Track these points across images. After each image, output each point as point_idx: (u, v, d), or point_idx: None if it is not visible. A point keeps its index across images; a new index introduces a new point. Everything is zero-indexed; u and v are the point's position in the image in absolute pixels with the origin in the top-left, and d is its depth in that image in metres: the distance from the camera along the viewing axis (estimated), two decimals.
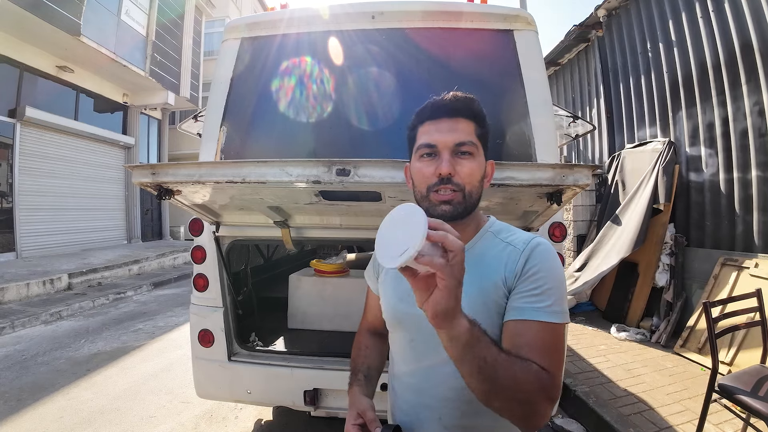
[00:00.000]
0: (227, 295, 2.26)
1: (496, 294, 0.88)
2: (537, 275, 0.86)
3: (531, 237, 0.94)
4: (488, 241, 0.96)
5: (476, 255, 0.94)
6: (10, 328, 5.04)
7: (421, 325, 0.92)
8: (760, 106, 3.74)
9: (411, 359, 0.98)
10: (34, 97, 9.10)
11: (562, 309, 0.84)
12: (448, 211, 0.89)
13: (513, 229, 0.99)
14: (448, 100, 0.91)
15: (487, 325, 0.84)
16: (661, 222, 4.57)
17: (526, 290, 0.85)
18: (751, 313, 2.40)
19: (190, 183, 1.32)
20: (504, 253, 0.92)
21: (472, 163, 0.89)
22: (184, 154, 14.08)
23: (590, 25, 6.17)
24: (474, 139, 0.90)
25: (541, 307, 0.83)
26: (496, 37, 2.23)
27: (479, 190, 0.93)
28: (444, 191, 0.88)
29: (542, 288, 0.85)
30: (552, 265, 0.88)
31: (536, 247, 0.90)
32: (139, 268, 8.96)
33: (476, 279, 0.89)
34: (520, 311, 0.84)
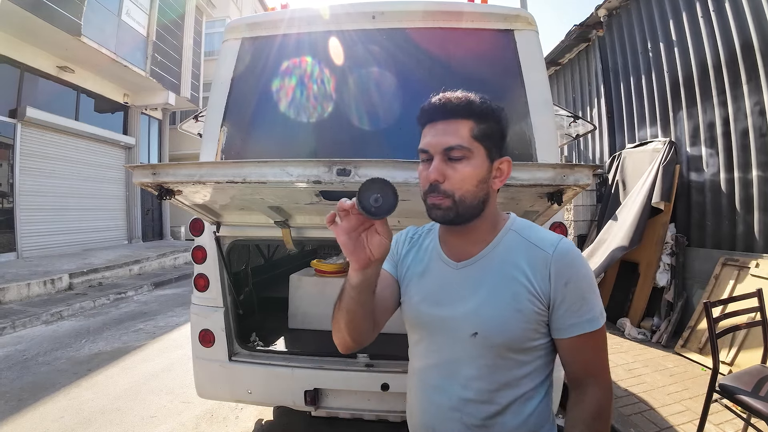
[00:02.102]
0: (228, 295, 2.26)
1: (531, 302, 0.88)
2: (577, 287, 0.87)
3: (557, 239, 0.91)
4: (512, 241, 0.93)
5: (502, 256, 0.92)
6: (11, 328, 5.04)
7: (446, 327, 0.93)
8: (760, 105, 3.73)
9: (433, 359, 0.96)
10: (35, 97, 9.11)
11: (600, 312, 0.89)
12: (439, 216, 0.89)
13: (535, 227, 0.97)
14: (440, 101, 0.88)
15: (521, 332, 0.88)
16: (662, 222, 4.56)
17: (571, 306, 0.87)
18: (752, 313, 2.39)
19: (190, 183, 1.32)
20: (531, 255, 0.90)
21: (466, 168, 0.85)
22: (184, 155, 14.07)
23: (591, 24, 6.17)
24: (467, 142, 0.85)
25: (588, 318, 0.87)
26: (497, 37, 2.23)
27: (478, 193, 0.88)
28: (434, 197, 0.88)
29: (584, 299, 0.87)
30: (585, 270, 0.90)
31: (567, 254, 0.89)
32: (140, 268, 8.96)
33: (508, 283, 0.89)
34: (571, 328, 0.88)
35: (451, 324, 0.92)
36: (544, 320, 0.89)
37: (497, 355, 0.89)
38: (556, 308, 0.87)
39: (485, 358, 0.89)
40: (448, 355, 0.93)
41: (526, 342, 0.88)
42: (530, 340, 0.89)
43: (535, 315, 0.87)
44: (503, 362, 0.89)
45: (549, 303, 0.88)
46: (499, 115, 0.90)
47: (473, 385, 0.90)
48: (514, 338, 0.88)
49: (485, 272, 0.91)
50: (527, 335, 0.88)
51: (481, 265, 0.92)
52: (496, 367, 0.89)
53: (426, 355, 0.98)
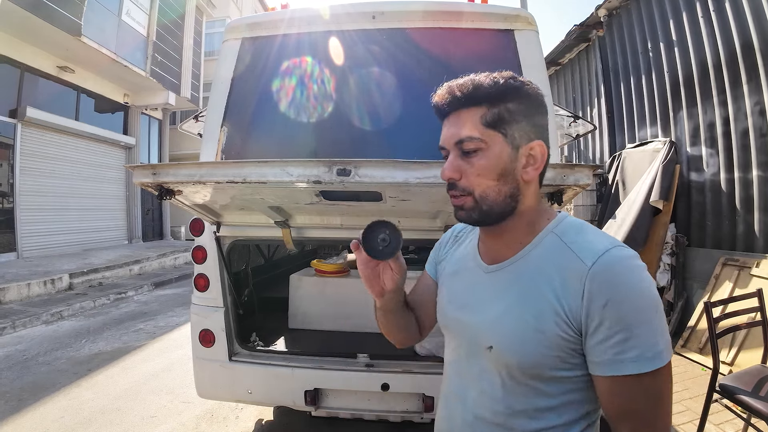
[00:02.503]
0: (228, 295, 2.26)
1: (557, 324, 0.71)
2: (620, 312, 0.67)
3: (605, 248, 0.71)
4: (549, 246, 0.77)
5: (535, 264, 0.77)
6: (11, 328, 5.04)
7: (466, 334, 0.86)
8: (761, 105, 3.73)
9: (455, 364, 0.89)
10: (35, 97, 9.11)
11: (657, 350, 0.66)
12: (463, 217, 0.80)
13: (585, 229, 0.78)
14: (445, 93, 0.78)
15: (541, 358, 0.73)
16: (662, 222, 4.56)
17: (609, 336, 0.67)
18: (752, 313, 2.39)
19: (190, 183, 1.32)
20: (566, 266, 0.73)
21: (481, 161, 0.75)
22: (184, 155, 14.06)
23: (591, 24, 6.17)
24: (478, 132, 0.74)
25: (629, 358, 0.66)
26: (497, 36, 2.23)
27: (501, 188, 0.76)
28: (454, 197, 0.79)
29: (626, 331, 0.66)
30: (638, 292, 0.68)
31: (611, 267, 0.69)
32: (140, 268, 8.96)
33: (532, 298, 0.75)
34: (604, 366, 0.69)
35: (471, 331, 0.84)
36: (574, 348, 0.72)
37: (512, 377, 0.77)
38: (590, 336, 0.69)
39: (500, 377, 0.78)
40: (467, 363, 0.85)
41: (547, 370, 0.74)
42: (554, 369, 0.73)
43: (561, 340, 0.71)
44: (520, 388, 0.77)
45: (581, 328, 0.70)
46: (518, 93, 0.75)
47: (487, 403, 0.80)
48: (532, 363, 0.74)
49: (513, 280, 0.79)
50: (549, 362, 0.73)
51: (510, 271, 0.80)
52: (512, 390, 0.77)
53: (451, 357, 0.92)
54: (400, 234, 0.83)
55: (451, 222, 1.97)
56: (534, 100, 0.77)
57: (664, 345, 0.67)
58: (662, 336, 0.67)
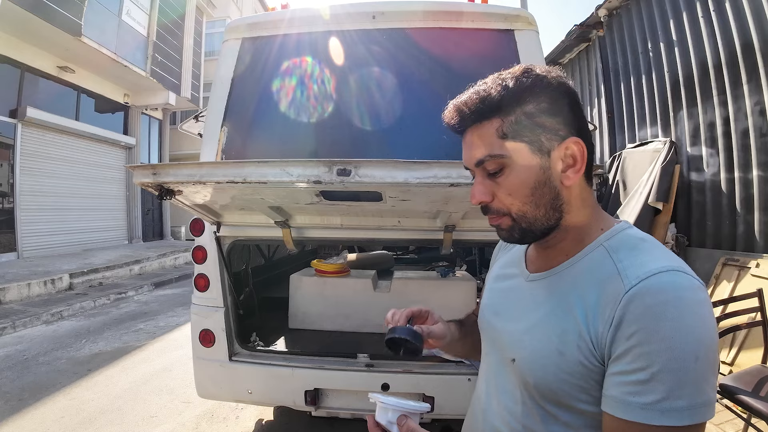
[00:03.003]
0: (228, 295, 2.26)
1: (579, 348, 0.63)
2: (643, 346, 0.56)
3: (657, 269, 0.60)
4: (595, 261, 0.68)
5: (575, 278, 0.69)
6: (12, 328, 5.04)
7: (497, 341, 0.82)
8: (761, 105, 3.73)
9: (485, 368, 0.86)
10: (35, 97, 9.12)
11: (678, 405, 0.54)
12: (504, 237, 0.74)
13: (643, 246, 0.66)
14: (453, 113, 0.71)
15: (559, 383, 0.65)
16: (663, 222, 4.56)
17: (623, 370, 0.58)
18: (752, 313, 2.39)
19: (191, 183, 1.32)
20: (605, 285, 0.63)
21: (508, 179, 0.67)
22: (185, 155, 14.07)
23: (591, 24, 6.17)
24: (496, 148, 0.66)
25: (640, 403, 0.55)
26: (497, 36, 2.23)
27: (540, 201, 0.68)
28: (491, 219, 0.74)
29: (649, 369, 0.55)
30: (673, 326, 0.55)
31: (652, 294, 0.57)
32: (140, 268, 8.97)
33: (560, 315, 0.67)
34: (612, 402, 0.59)
35: (501, 340, 0.79)
36: (597, 380, 0.62)
37: (531, 398, 0.70)
38: (610, 365, 0.60)
39: (521, 394, 0.72)
40: (495, 373, 0.81)
41: (566, 398, 0.65)
42: (573, 399, 0.64)
43: (582, 368, 0.62)
44: (537, 410, 0.69)
45: (604, 356, 0.61)
46: (534, 91, 0.66)
47: (506, 417, 0.75)
48: (549, 387, 0.66)
49: (550, 293, 0.72)
50: (568, 390, 0.64)
51: (548, 284, 0.73)
52: (530, 410, 0.71)
53: (483, 363, 0.89)
54: (415, 335, 0.83)
55: (450, 222, 1.97)
56: (557, 92, 0.67)
57: (690, 403, 0.54)
58: (697, 390, 0.54)
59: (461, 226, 2.01)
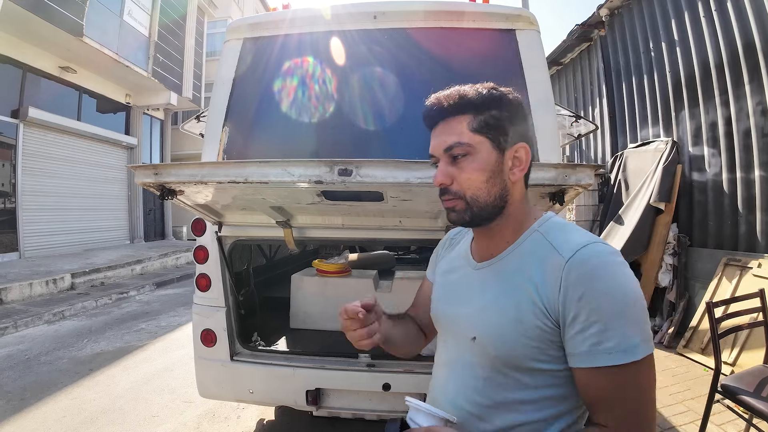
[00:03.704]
0: (230, 295, 2.26)
1: (535, 314, 0.75)
2: (596, 304, 0.69)
3: (583, 242, 0.75)
4: (533, 244, 0.82)
5: (519, 260, 0.82)
6: (13, 328, 5.05)
7: (453, 327, 0.91)
8: (762, 105, 3.73)
9: (442, 358, 0.94)
10: (37, 97, 9.13)
11: (632, 343, 0.68)
12: (453, 218, 0.85)
13: (568, 228, 0.82)
14: (433, 103, 0.84)
15: (521, 348, 0.76)
16: (664, 222, 4.56)
17: (585, 328, 0.70)
18: (755, 314, 2.39)
19: (192, 183, 1.33)
20: (546, 260, 0.77)
21: (470, 164, 0.80)
22: (186, 155, 14.09)
23: (593, 24, 6.17)
24: (466, 138, 0.80)
25: (604, 349, 0.69)
26: (498, 36, 2.22)
27: (491, 189, 0.81)
28: (446, 200, 0.84)
29: (601, 323, 0.69)
30: (610, 284, 0.71)
31: (587, 261, 0.72)
32: (142, 268, 8.98)
33: (513, 290, 0.79)
34: (580, 357, 0.72)
35: (457, 324, 0.89)
36: (552, 340, 0.75)
37: (494, 369, 0.81)
38: (567, 327, 0.72)
39: (483, 368, 0.82)
40: (454, 356, 0.89)
41: (527, 361, 0.77)
42: (534, 361, 0.77)
43: (539, 331, 0.75)
44: (502, 378, 0.80)
45: (558, 320, 0.73)
46: (500, 101, 0.81)
47: (468, 394, 0.84)
48: (512, 353, 0.77)
49: (498, 275, 0.84)
50: (528, 353, 0.76)
51: (496, 268, 0.85)
52: (493, 381, 0.81)
53: (440, 352, 0.97)
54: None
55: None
56: (515, 107, 0.83)
57: (642, 339, 0.69)
58: (639, 330, 0.69)
59: None
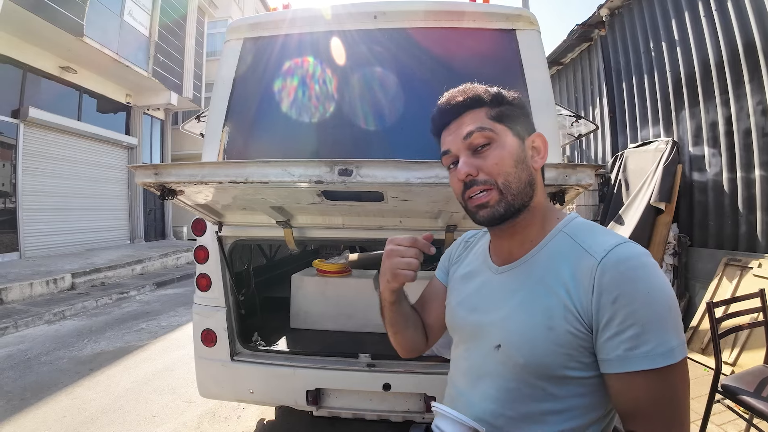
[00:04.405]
0: (230, 294, 2.26)
1: (567, 319, 0.71)
2: (632, 307, 0.66)
3: (615, 243, 0.71)
4: (560, 245, 0.78)
5: (546, 262, 0.78)
6: (14, 328, 5.06)
7: (474, 333, 0.86)
8: (763, 105, 3.72)
9: (462, 365, 0.89)
10: (38, 97, 9.14)
11: (669, 347, 0.65)
12: (487, 215, 0.78)
13: (597, 229, 0.79)
14: (446, 103, 0.83)
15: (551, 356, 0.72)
16: (665, 222, 4.55)
17: (620, 332, 0.66)
18: (755, 314, 2.38)
19: (192, 183, 1.33)
20: (577, 262, 0.73)
21: (495, 150, 0.77)
22: (187, 155, 14.10)
23: (593, 24, 6.17)
24: (486, 123, 0.78)
25: (640, 353, 0.65)
26: (499, 36, 2.22)
27: (521, 174, 0.77)
28: (475, 195, 0.79)
29: (637, 326, 0.65)
30: (646, 286, 0.67)
31: (622, 262, 0.69)
32: (142, 267, 8.98)
33: (542, 295, 0.75)
34: (614, 363, 0.68)
35: (480, 331, 0.84)
36: (584, 346, 0.71)
37: (520, 379, 0.76)
38: (601, 332, 0.68)
39: (507, 379, 0.77)
40: (476, 365, 0.84)
41: (557, 369, 0.72)
42: (563, 368, 0.72)
43: (570, 337, 0.71)
44: (528, 389, 0.75)
45: (591, 324, 0.69)
46: (512, 100, 0.82)
47: (489, 406, 0.79)
48: (541, 361, 0.73)
49: (523, 279, 0.79)
50: (558, 361, 0.72)
51: (520, 271, 0.81)
52: (519, 392, 0.76)
53: (458, 359, 0.92)
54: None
55: (452, 222, 1.97)
56: (522, 105, 0.85)
57: (678, 342, 0.66)
58: (676, 333, 0.67)
59: (462, 226, 2.01)
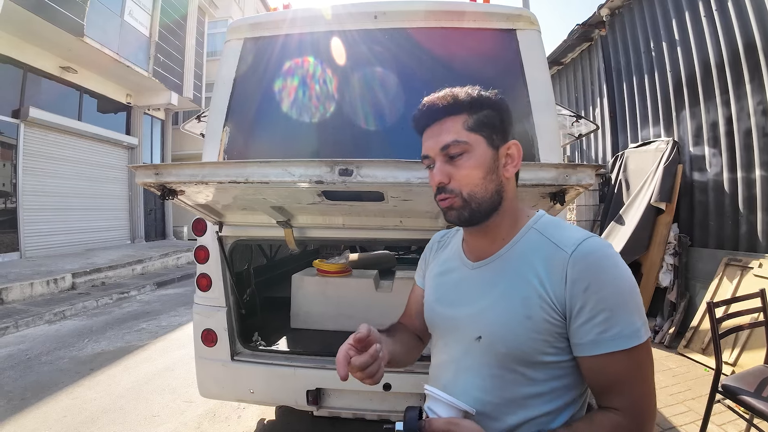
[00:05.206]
0: (230, 294, 2.26)
1: (542, 308, 0.77)
2: (600, 294, 0.74)
3: (582, 237, 0.79)
4: (531, 241, 0.84)
5: (516, 258, 0.84)
6: (14, 328, 5.06)
7: (453, 327, 0.90)
8: (763, 105, 3.72)
9: (442, 358, 0.93)
10: (38, 97, 9.15)
11: (635, 328, 0.73)
12: (453, 216, 0.84)
13: (563, 225, 0.86)
14: (426, 106, 0.85)
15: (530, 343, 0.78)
16: (665, 222, 4.55)
17: (591, 318, 0.74)
18: (755, 314, 2.38)
19: (193, 183, 1.33)
20: (549, 256, 0.80)
21: (468, 162, 0.81)
22: (187, 155, 14.11)
23: (593, 24, 6.17)
24: (462, 136, 0.81)
25: (610, 336, 0.73)
26: (499, 36, 2.22)
27: (488, 186, 0.82)
28: (443, 199, 0.84)
29: (610, 310, 0.73)
30: (612, 275, 0.75)
31: (590, 254, 0.76)
32: (143, 267, 8.99)
33: (518, 287, 0.81)
34: (587, 346, 0.75)
35: (459, 325, 0.88)
36: (559, 332, 0.78)
37: (503, 366, 0.81)
38: (574, 318, 0.76)
39: (491, 367, 0.82)
40: (457, 357, 0.88)
41: (536, 355, 0.79)
42: (541, 354, 0.78)
43: (547, 324, 0.77)
44: (510, 375, 0.81)
45: (565, 312, 0.76)
46: (491, 102, 0.84)
47: (476, 394, 0.83)
48: (521, 349, 0.79)
49: (499, 273, 0.85)
50: (537, 347, 0.78)
51: (495, 266, 0.86)
52: (502, 379, 0.82)
53: (438, 353, 0.95)
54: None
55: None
56: (503, 107, 0.86)
57: (641, 323, 0.74)
58: (639, 315, 0.74)
59: None
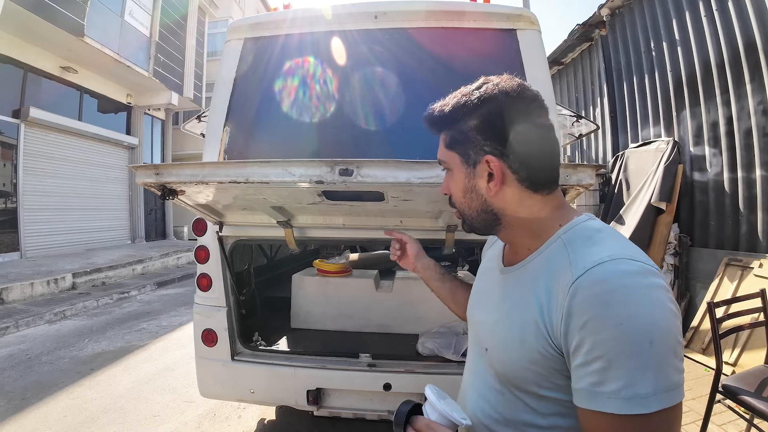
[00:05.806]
0: (230, 294, 2.26)
1: (536, 338, 0.65)
2: (595, 335, 0.56)
3: (602, 259, 0.60)
4: (552, 253, 0.70)
5: (531, 272, 0.72)
6: (15, 328, 5.06)
7: (475, 333, 0.87)
8: (764, 105, 3.72)
9: (468, 362, 0.91)
10: (38, 97, 9.15)
11: (639, 393, 0.53)
12: (463, 227, 0.85)
13: (596, 238, 0.67)
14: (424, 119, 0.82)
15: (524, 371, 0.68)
16: (665, 222, 4.55)
17: (584, 361, 0.58)
18: (756, 314, 2.38)
19: (193, 183, 1.33)
20: (556, 276, 0.65)
21: (451, 179, 0.80)
22: (187, 155, 14.11)
23: (594, 24, 6.17)
24: (443, 154, 0.79)
25: (606, 392, 0.55)
26: (499, 36, 2.22)
27: (471, 204, 0.77)
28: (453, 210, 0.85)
29: (603, 360, 0.56)
30: (619, 314, 0.55)
31: (595, 284, 0.58)
32: (143, 267, 8.99)
33: (521, 308, 0.70)
34: (579, 395, 0.60)
35: (478, 330, 0.85)
36: (557, 368, 0.64)
37: (502, 384, 0.74)
38: (572, 356, 0.60)
39: (494, 382, 0.76)
40: (474, 362, 0.86)
41: (531, 386, 0.68)
42: (537, 386, 0.67)
43: (539, 356, 0.65)
44: (511, 396, 0.73)
45: (561, 347, 0.62)
46: (465, 110, 0.72)
47: (482, 404, 0.79)
48: (514, 374, 0.70)
49: (514, 286, 0.75)
50: (531, 378, 0.67)
51: (517, 276, 0.76)
52: (504, 397, 0.74)
53: (468, 354, 0.93)
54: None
55: (452, 222, 1.97)
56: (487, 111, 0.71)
57: (656, 388, 0.54)
58: (654, 375, 0.54)
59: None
